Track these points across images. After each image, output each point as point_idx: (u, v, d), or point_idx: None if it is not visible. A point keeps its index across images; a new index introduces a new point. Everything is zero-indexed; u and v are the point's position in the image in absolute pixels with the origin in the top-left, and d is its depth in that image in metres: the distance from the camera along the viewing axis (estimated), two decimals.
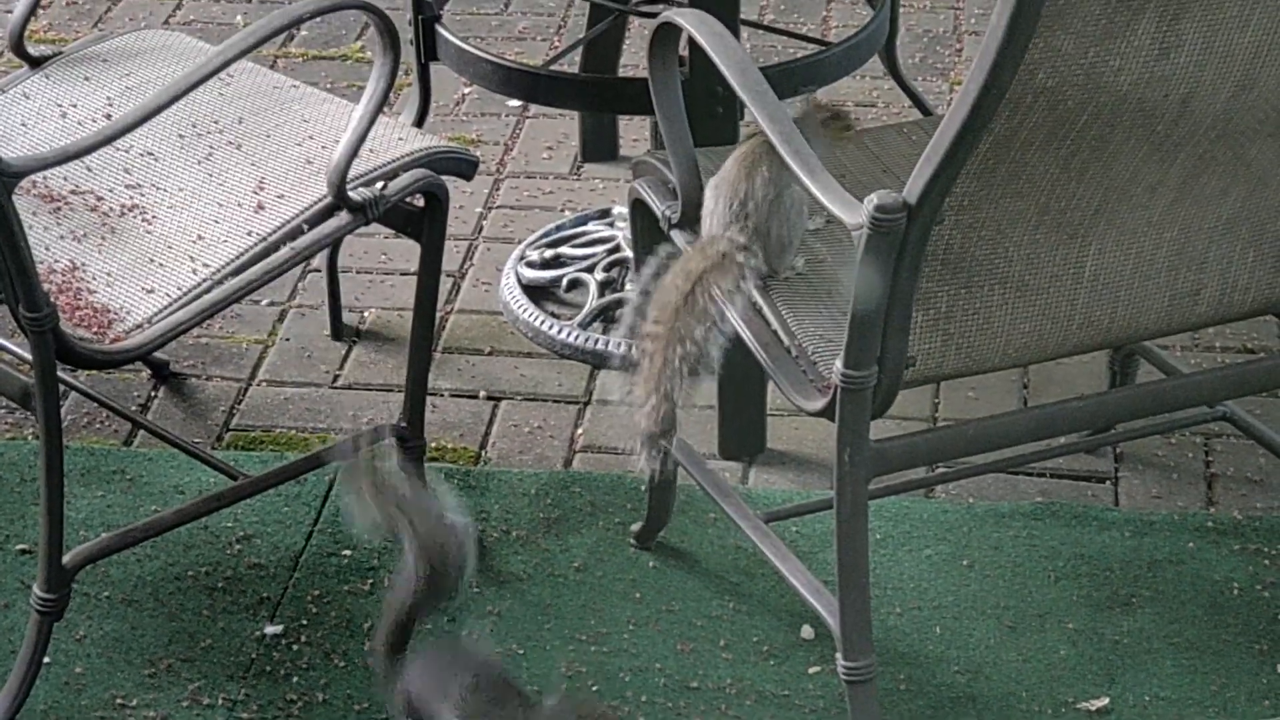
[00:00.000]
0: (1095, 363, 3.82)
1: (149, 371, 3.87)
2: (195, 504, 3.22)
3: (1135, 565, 3.38)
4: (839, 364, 2.79)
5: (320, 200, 3.15)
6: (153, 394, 3.84)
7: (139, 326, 2.99)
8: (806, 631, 3.26)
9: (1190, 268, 2.91)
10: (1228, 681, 3.15)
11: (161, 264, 3.09)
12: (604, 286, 3.99)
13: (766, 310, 3.00)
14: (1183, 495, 3.55)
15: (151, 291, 3.04)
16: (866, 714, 2.94)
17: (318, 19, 4.78)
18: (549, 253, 4.10)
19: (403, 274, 4.13)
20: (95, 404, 3.67)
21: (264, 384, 3.87)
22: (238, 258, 3.08)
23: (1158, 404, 3.08)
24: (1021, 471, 3.59)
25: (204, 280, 3.05)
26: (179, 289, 3.04)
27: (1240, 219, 2.90)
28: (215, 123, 3.36)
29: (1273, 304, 3.01)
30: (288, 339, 3.99)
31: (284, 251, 3.10)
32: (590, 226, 4.17)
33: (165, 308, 3.01)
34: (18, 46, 3.46)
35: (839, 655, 2.94)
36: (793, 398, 2.91)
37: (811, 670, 3.19)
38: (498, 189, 4.42)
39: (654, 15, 3.17)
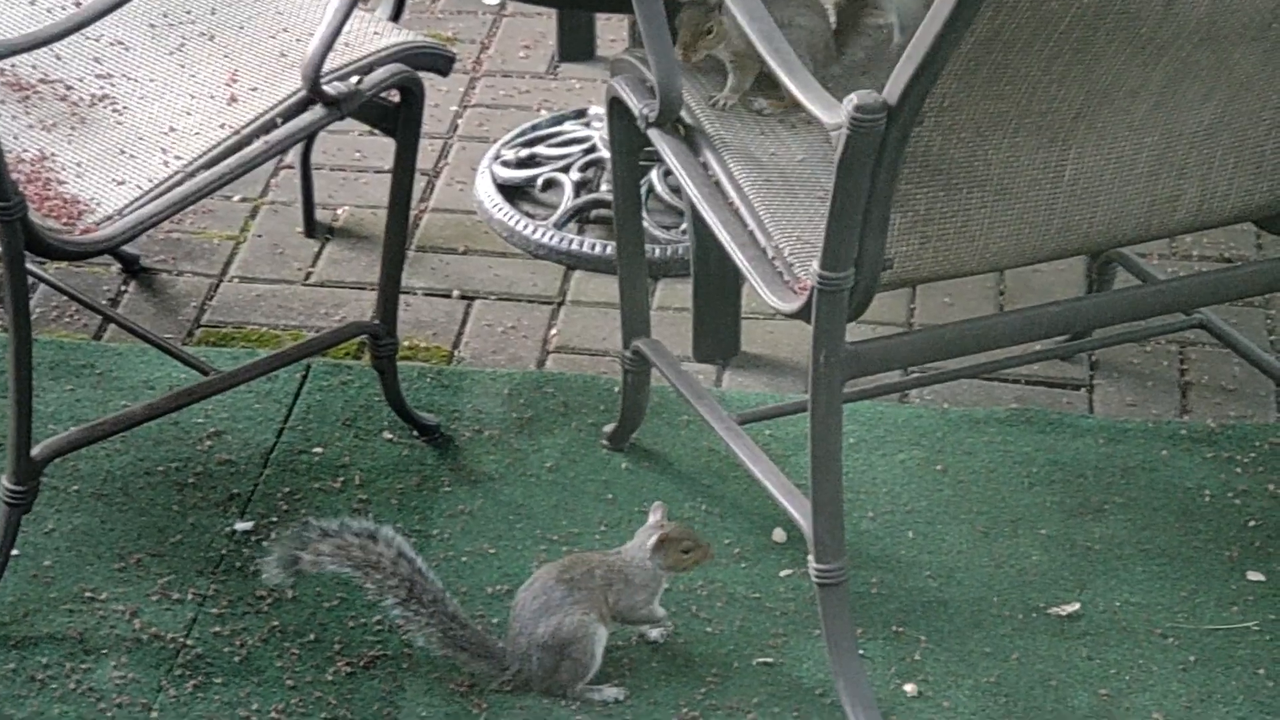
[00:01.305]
0: (1072, 271, 3.81)
1: (119, 265, 3.84)
2: (166, 399, 3.20)
3: (1108, 472, 3.38)
4: (816, 265, 2.78)
5: (294, 94, 3.11)
6: (123, 288, 3.81)
7: (109, 218, 2.96)
8: (778, 534, 3.26)
9: (1170, 173, 2.90)
10: (1197, 587, 3.15)
11: (132, 155, 3.06)
12: (579, 187, 3.97)
13: (744, 211, 2.98)
14: (1157, 403, 3.55)
15: (122, 183, 3.01)
16: (837, 617, 2.94)
17: None
18: (524, 152, 4.07)
19: (377, 172, 4.10)
20: (65, 297, 3.64)
21: (236, 280, 3.85)
22: (210, 150, 3.05)
23: (1135, 310, 3.07)
24: (996, 378, 3.59)
25: (176, 172, 3.02)
26: (150, 181, 3.01)
27: (1221, 125, 2.88)
28: (187, 13, 3.32)
29: (1251, 211, 3.00)
30: (260, 235, 3.96)
31: (257, 145, 3.06)
32: (566, 126, 4.14)
33: (136, 200, 2.98)
34: None
35: (811, 558, 2.93)
36: (769, 298, 2.90)
37: (783, 573, 3.18)
38: (473, 88, 4.38)
39: None
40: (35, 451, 3.04)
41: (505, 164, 4.05)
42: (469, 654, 2.96)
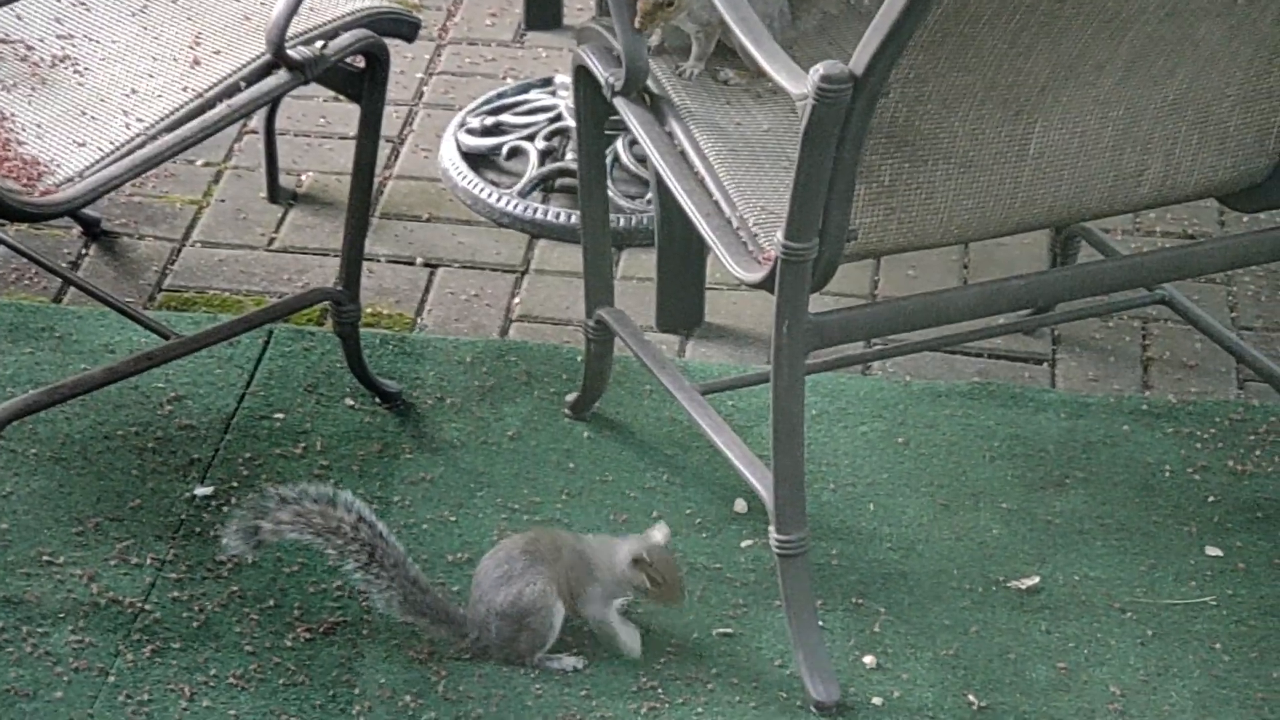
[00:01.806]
0: (1036, 245, 3.81)
1: (80, 229, 3.82)
2: (126, 362, 3.19)
3: (1070, 446, 3.38)
4: (780, 235, 2.77)
5: (258, 57, 3.10)
6: (84, 251, 3.79)
7: (70, 180, 2.94)
8: (740, 505, 3.26)
9: (1135, 148, 2.90)
10: (1157, 562, 3.16)
11: (94, 117, 3.04)
12: (545, 155, 3.95)
13: (709, 180, 2.98)
14: (1119, 378, 3.56)
15: (83, 145, 2.99)
16: (798, 588, 2.94)
17: None
18: (490, 120, 4.05)
19: (341, 138, 4.08)
20: (24, 260, 3.62)
21: (198, 245, 3.83)
22: (172, 113, 3.03)
23: (1097, 284, 3.08)
24: (959, 351, 3.59)
25: (137, 135, 3.00)
26: (111, 143, 2.99)
27: (1186, 100, 2.88)
28: None
29: (1215, 187, 3.00)
30: (223, 200, 3.94)
31: (220, 109, 3.05)
32: (532, 95, 4.12)
33: (97, 162, 2.96)
34: None
35: (772, 529, 2.94)
36: (733, 268, 2.89)
37: (744, 544, 3.19)
38: (439, 55, 4.36)
39: None
40: None
41: (470, 132, 4.04)
42: (429, 619, 2.95)
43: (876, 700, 2.93)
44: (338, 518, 2.91)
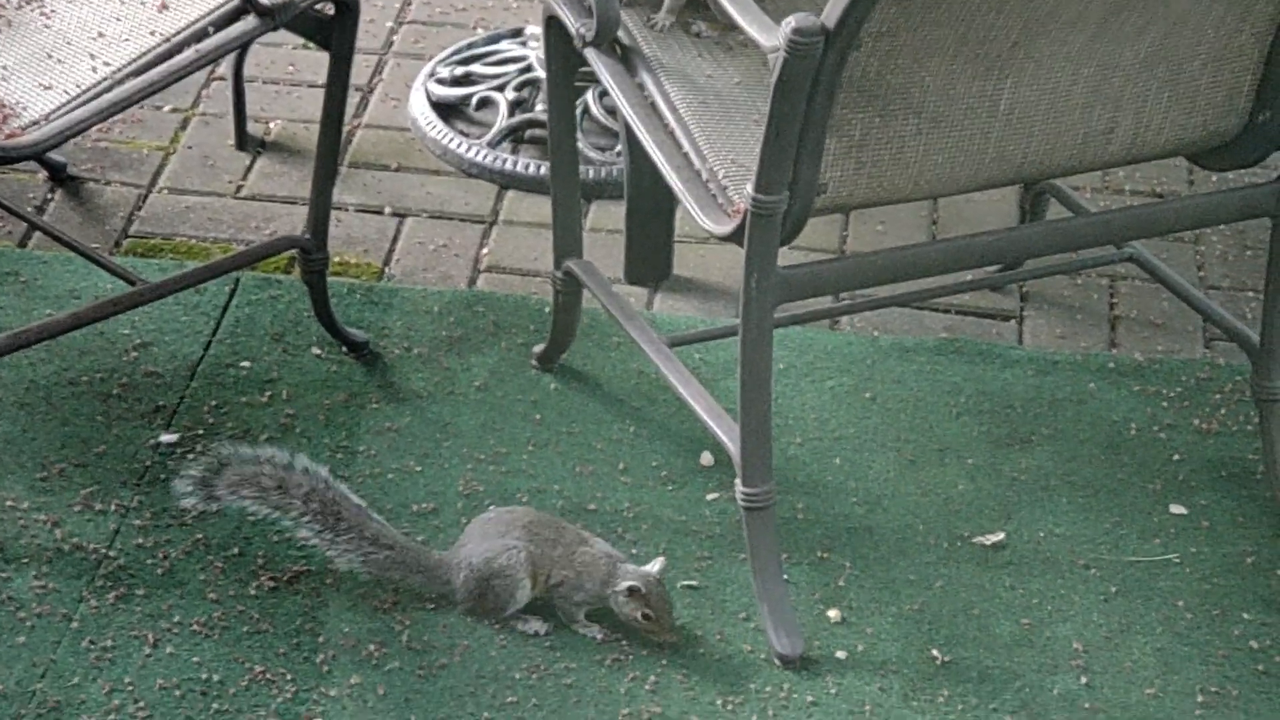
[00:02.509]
0: (1005, 202, 3.81)
1: (46, 173, 3.80)
2: (91, 308, 3.17)
3: (1036, 403, 3.39)
4: (750, 188, 2.77)
5: (227, 2, 3.08)
6: (49, 196, 3.77)
7: (35, 123, 2.92)
8: (706, 458, 3.26)
9: (1105, 105, 2.90)
10: (1121, 519, 3.17)
11: (60, 60, 3.02)
12: (514, 106, 3.94)
13: (679, 133, 2.97)
14: (1086, 336, 3.56)
15: (49, 88, 2.97)
16: (763, 541, 2.94)
17: None
18: (460, 70, 4.03)
19: (310, 86, 4.06)
20: None
21: (165, 191, 3.81)
22: (140, 57, 3.01)
23: (1066, 241, 3.08)
24: (927, 307, 3.59)
25: (104, 79, 2.98)
26: (78, 86, 2.97)
27: (1157, 58, 2.88)
28: None
29: (1184, 145, 3.00)
30: (190, 147, 3.92)
31: (188, 54, 3.03)
32: (503, 45, 4.11)
33: (63, 105, 2.94)
34: None
35: (738, 482, 2.94)
36: (702, 221, 2.89)
37: (710, 496, 3.19)
38: (410, 4, 4.34)
39: None
40: None
41: (440, 81, 4.02)
42: (400, 574, 2.95)
43: (840, 654, 2.94)
44: (294, 483, 2.91)
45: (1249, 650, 2.97)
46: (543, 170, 3.79)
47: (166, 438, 3.24)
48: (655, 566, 2.94)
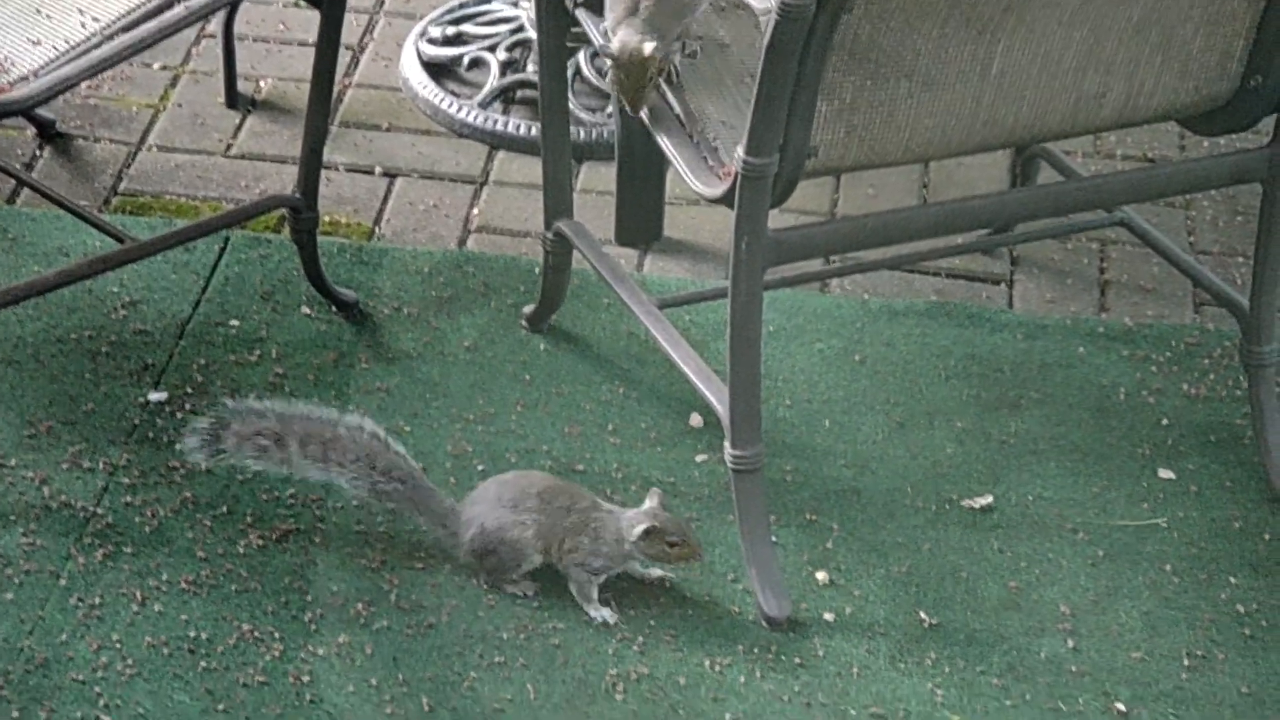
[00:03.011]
0: (996, 166, 3.81)
1: (34, 130, 3.78)
2: (80, 265, 3.17)
3: (1025, 367, 3.39)
4: (740, 150, 2.76)
5: None
6: (38, 153, 3.76)
7: (24, 79, 2.91)
8: (695, 420, 3.26)
9: (1097, 69, 2.89)
10: (1109, 484, 3.18)
11: (49, 15, 3.01)
12: (506, 67, 3.93)
13: (669, 94, 2.96)
14: (1076, 300, 3.56)
15: (38, 43, 2.96)
16: (751, 503, 2.95)
17: None
18: (451, 30, 4.02)
19: (301, 44, 4.04)
20: None
21: (154, 149, 3.80)
22: (129, 13, 3.00)
23: (1057, 205, 3.08)
24: (917, 270, 3.59)
25: (93, 34, 2.97)
26: (67, 42, 2.96)
27: (1150, 22, 2.87)
28: None
29: (1176, 109, 3.00)
30: (180, 105, 3.91)
31: (178, 10, 3.02)
32: (494, 5, 4.09)
33: (52, 60, 2.93)
34: None
35: (727, 444, 2.94)
36: (692, 183, 2.88)
37: (699, 458, 3.19)
38: None
39: None
40: None
41: (431, 41, 4.01)
42: (410, 507, 2.95)
43: (828, 616, 2.94)
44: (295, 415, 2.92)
45: (1235, 614, 2.97)
46: (534, 131, 3.78)
47: (155, 396, 3.23)
48: (653, 500, 2.94)
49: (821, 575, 3.00)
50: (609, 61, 2.88)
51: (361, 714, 2.76)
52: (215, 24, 3.92)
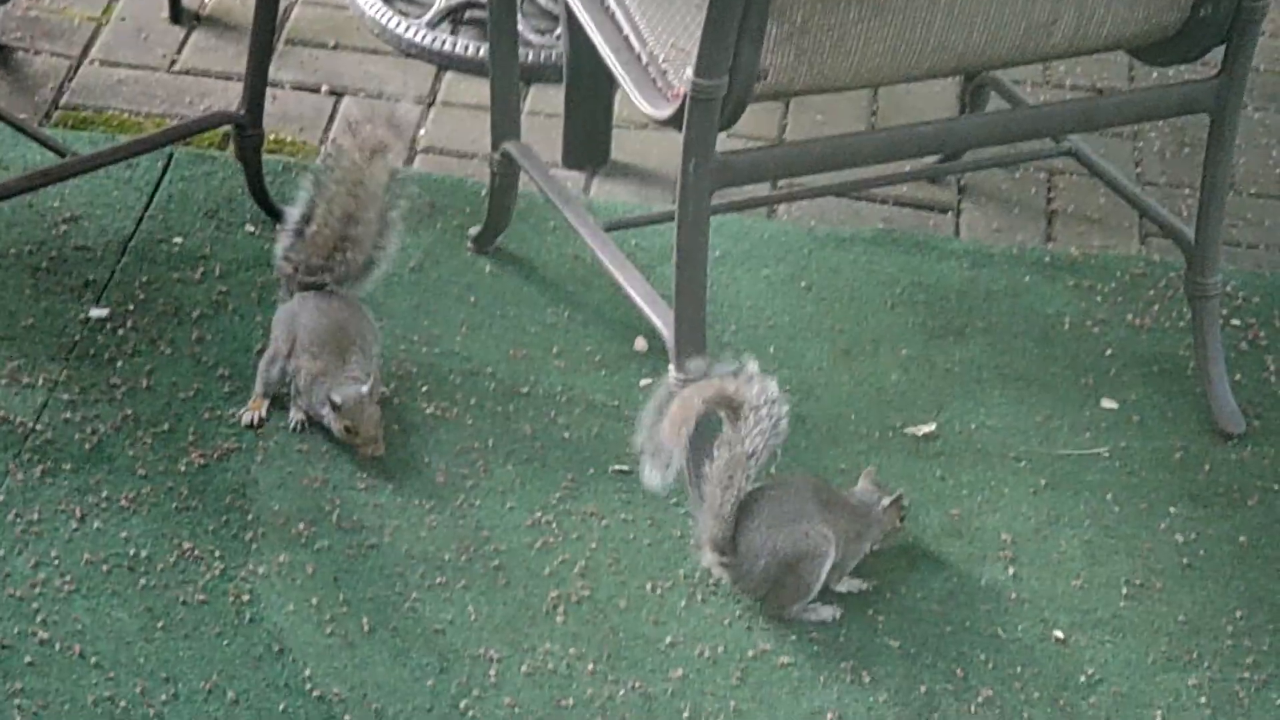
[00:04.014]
0: (945, 94, 3.80)
1: None
2: (19, 179, 3.13)
3: (971, 296, 3.39)
4: (689, 72, 2.75)
5: None
6: None
7: None
8: (640, 344, 3.25)
9: None
10: (1053, 413, 3.19)
11: None
12: None
13: (619, 15, 2.94)
14: (1023, 230, 3.56)
15: None
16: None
17: None
18: None
19: None
20: None
21: (97, 63, 3.76)
22: None
23: (1005, 132, 3.07)
24: (864, 197, 3.58)
25: None
26: None
27: None
28: None
29: (1125, 39, 2.99)
30: (123, 18, 3.86)
31: None
32: None
33: None
34: None
35: (671, 368, 2.93)
36: (641, 104, 2.87)
37: (643, 382, 3.18)
38: None
39: None
40: None
41: None
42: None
43: None
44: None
45: (1174, 544, 2.99)
46: (482, 52, 3.75)
47: (96, 312, 3.21)
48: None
49: None
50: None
51: (301, 633, 2.76)
52: None
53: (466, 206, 3.48)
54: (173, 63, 3.78)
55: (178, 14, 3.86)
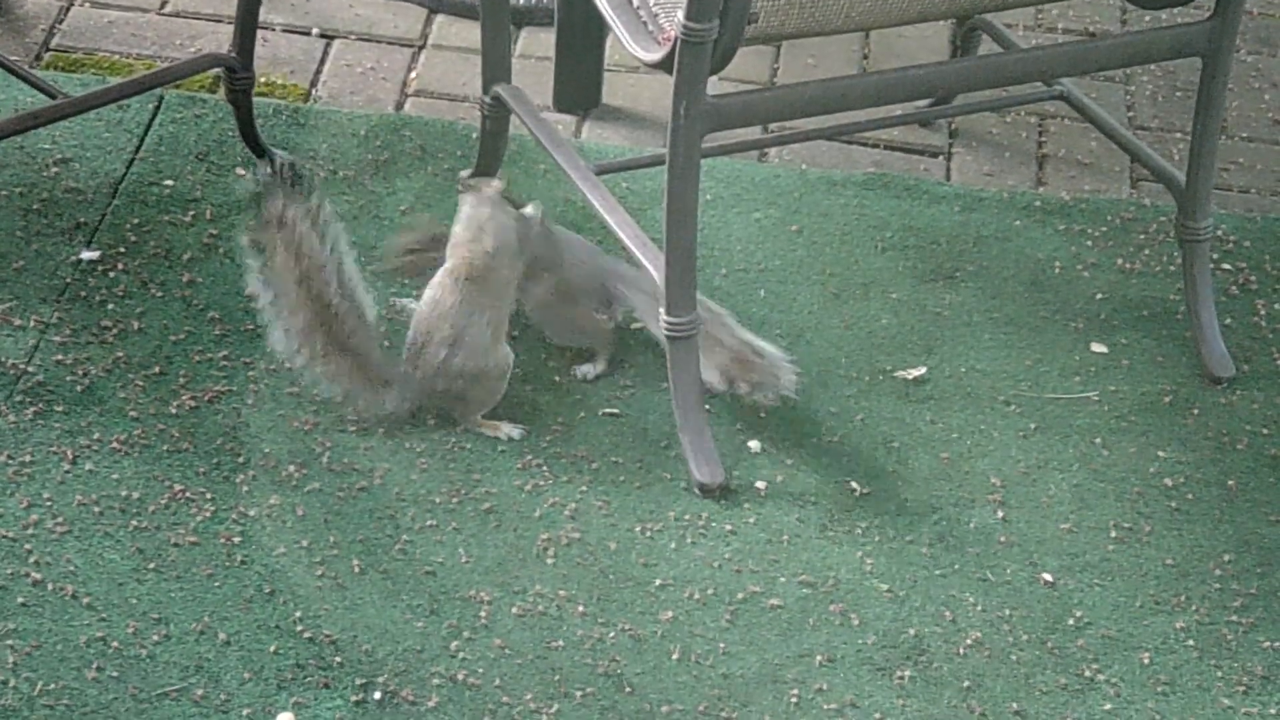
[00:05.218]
0: (937, 39, 3.79)
1: None
2: (10, 121, 3.13)
3: (962, 240, 3.40)
4: (681, 15, 2.74)
5: None
6: None
7: None
8: None
9: None
10: (1042, 357, 3.19)
11: None
12: None
13: None
14: (1014, 174, 3.57)
15: None
16: (685, 371, 2.95)
17: None
18: None
19: None
20: None
21: (87, 5, 3.75)
22: None
23: (996, 76, 3.07)
24: (856, 141, 3.58)
25: None
26: None
27: None
28: None
29: None
30: None
31: None
32: None
33: None
34: None
35: (661, 310, 2.94)
36: (632, 48, 2.86)
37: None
38: None
39: None
40: None
41: None
42: None
43: (760, 484, 2.95)
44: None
45: (1163, 487, 3.00)
46: None
47: (87, 254, 3.20)
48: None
49: (754, 443, 3.01)
50: None
51: (292, 575, 2.76)
52: None
53: (457, 150, 3.48)
54: (163, 4, 3.77)
55: None
